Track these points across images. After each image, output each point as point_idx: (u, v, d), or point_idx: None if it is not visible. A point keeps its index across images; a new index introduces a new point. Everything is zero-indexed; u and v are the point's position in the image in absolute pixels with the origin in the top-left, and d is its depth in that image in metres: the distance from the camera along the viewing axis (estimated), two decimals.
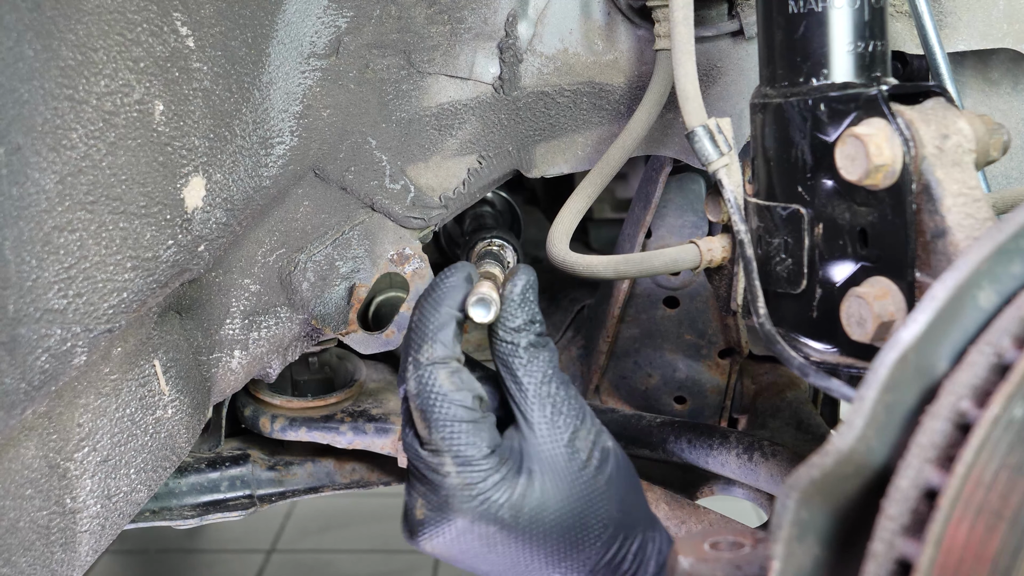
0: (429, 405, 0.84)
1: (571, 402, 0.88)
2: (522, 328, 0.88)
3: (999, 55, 1.21)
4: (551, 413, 0.87)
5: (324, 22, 1.09)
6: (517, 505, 0.85)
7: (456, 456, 0.84)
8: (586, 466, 0.87)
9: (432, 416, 0.84)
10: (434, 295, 0.87)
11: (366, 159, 1.15)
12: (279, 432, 1.35)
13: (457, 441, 0.84)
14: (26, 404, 0.84)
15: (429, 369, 0.85)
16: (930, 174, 0.81)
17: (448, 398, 0.84)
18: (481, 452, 0.84)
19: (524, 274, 0.89)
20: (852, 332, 0.85)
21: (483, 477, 0.84)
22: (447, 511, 0.85)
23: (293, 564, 2.74)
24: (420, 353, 0.85)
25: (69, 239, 0.85)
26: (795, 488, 0.60)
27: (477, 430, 0.84)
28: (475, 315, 0.86)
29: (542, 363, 0.88)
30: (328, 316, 1.16)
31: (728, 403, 1.45)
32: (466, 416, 0.84)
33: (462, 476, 0.84)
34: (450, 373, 0.85)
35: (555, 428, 0.87)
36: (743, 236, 0.94)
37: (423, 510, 0.86)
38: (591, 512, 0.87)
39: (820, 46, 0.89)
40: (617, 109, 1.18)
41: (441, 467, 0.84)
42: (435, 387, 0.84)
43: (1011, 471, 0.57)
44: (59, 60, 0.82)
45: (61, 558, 0.93)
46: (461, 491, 0.84)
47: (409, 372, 0.86)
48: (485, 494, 0.84)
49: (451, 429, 0.84)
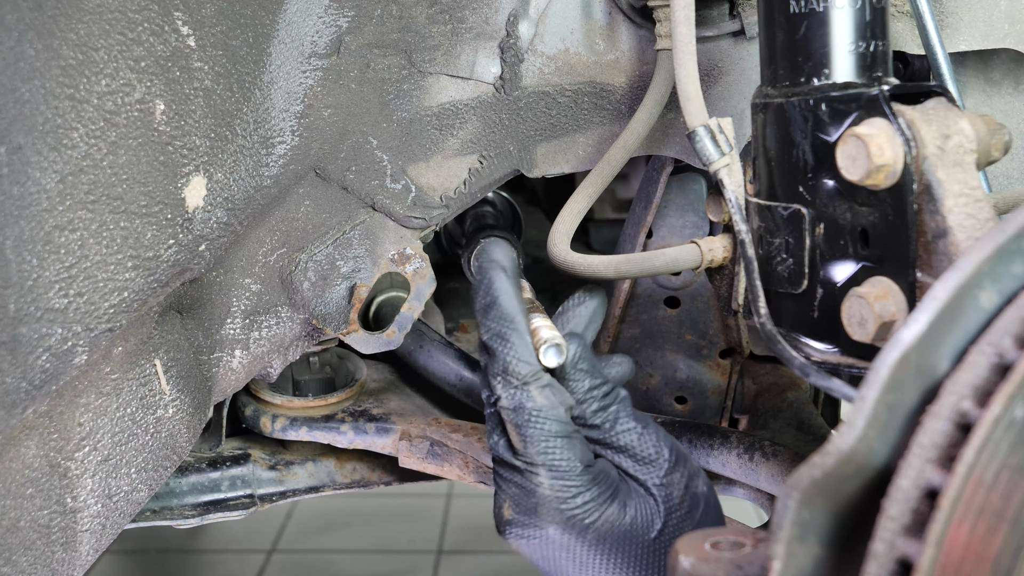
0: (524, 421, 0.87)
1: (665, 446, 0.90)
2: (584, 400, 0.90)
3: (1000, 55, 1.20)
4: (638, 464, 0.89)
5: (325, 22, 1.09)
6: (604, 530, 0.87)
7: (551, 469, 0.86)
8: (678, 508, 0.89)
9: (528, 431, 0.86)
10: (498, 308, 0.89)
11: (367, 159, 1.15)
12: (280, 432, 1.35)
13: (552, 456, 0.86)
14: (27, 403, 0.84)
15: (522, 388, 0.87)
16: (931, 174, 0.81)
17: (543, 414, 0.86)
18: (575, 468, 0.86)
19: (571, 345, 0.90)
20: (853, 332, 0.85)
21: (575, 493, 0.86)
22: (535, 517, 0.87)
23: (294, 564, 2.74)
24: (509, 372, 0.87)
25: (70, 238, 0.85)
26: (796, 488, 0.60)
27: (571, 445, 0.87)
28: (548, 361, 0.87)
29: (619, 425, 0.90)
30: (329, 316, 1.16)
31: (729, 403, 1.45)
32: (560, 431, 0.87)
33: (554, 488, 0.86)
34: (542, 388, 0.87)
35: (655, 468, 0.89)
36: (744, 236, 0.94)
37: (511, 511, 0.89)
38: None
39: (821, 46, 0.89)
40: (618, 109, 1.18)
41: (535, 476, 0.87)
42: (529, 404, 0.87)
43: (1012, 471, 0.57)
44: (60, 59, 0.82)
45: (62, 557, 0.93)
46: (552, 502, 0.87)
47: (500, 388, 0.88)
48: (575, 510, 0.87)
49: (547, 444, 0.86)
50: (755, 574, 0.67)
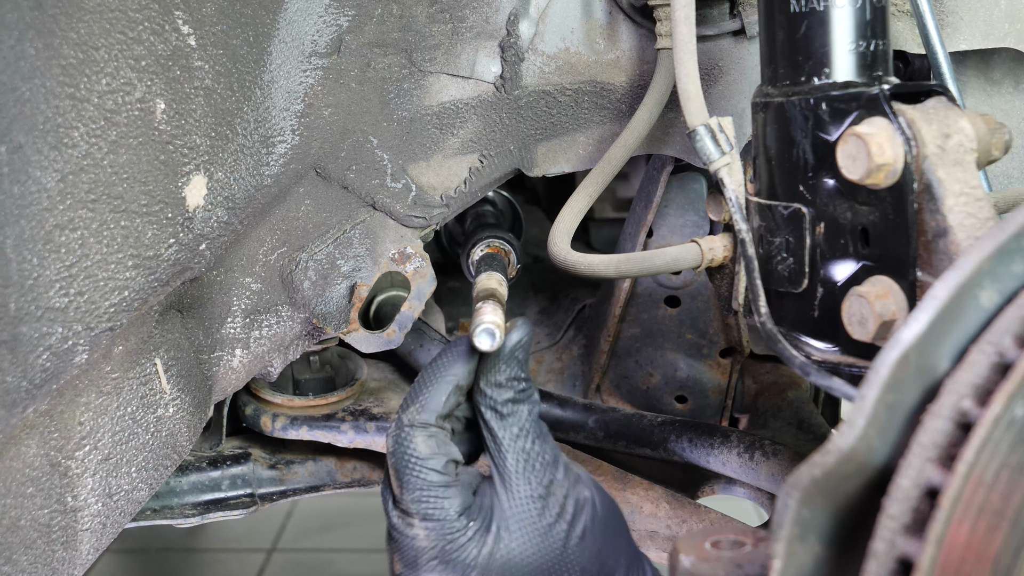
0: (403, 466, 0.86)
1: (544, 456, 0.89)
2: (504, 384, 0.89)
3: (1001, 54, 1.21)
4: (524, 468, 0.88)
5: (326, 21, 1.09)
6: (485, 564, 0.86)
7: (425, 517, 0.86)
8: (559, 520, 0.88)
9: (404, 478, 0.86)
10: (438, 362, 0.89)
11: (367, 158, 1.15)
12: (280, 431, 1.35)
13: (426, 505, 0.86)
14: (27, 402, 0.84)
15: (408, 431, 0.87)
16: (931, 173, 0.81)
17: (422, 461, 0.86)
18: (451, 515, 0.86)
19: (518, 332, 0.90)
20: (853, 331, 0.85)
21: (450, 540, 0.86)
22: (417, 568, 0.87)
23: (294, 563, 2.74)
24: (405, 414, 0.87)
25: (70, 237, 0.85)
26: (797, 487, 0.60)
27: (447, 493, 0.86)
28: (479, 343, 0.86)
29: (519, 418, 0.89)
30: (329, 315, 1.16)
31: (729, 402, 1.45)
32: (437, 480, 0.86)
33: (430, 538, 0.86)
34: (427, 437, 0.87)
35: (528, 483, 0.88)
36: (744, 235, 0.94)
37: (399, 564, 0.88)
38: (563, 567, 0.88)
39: (822, 45, 0.89)
40: (618, 108, 1.18)
41: (410, 528, 0.86)
42: (410, 449, 0.86)
43: (1012, 470, 0.57)
44: (60, 58, 0.82)
45: (62, 556, 0.93)
46: (429, 551, 0.86)
47: (391, 430, 0.88)
48: (453, 555, 0.86)
49: (422, 492, 0.86)
50: (755, 573, 0.67)
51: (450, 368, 0.88)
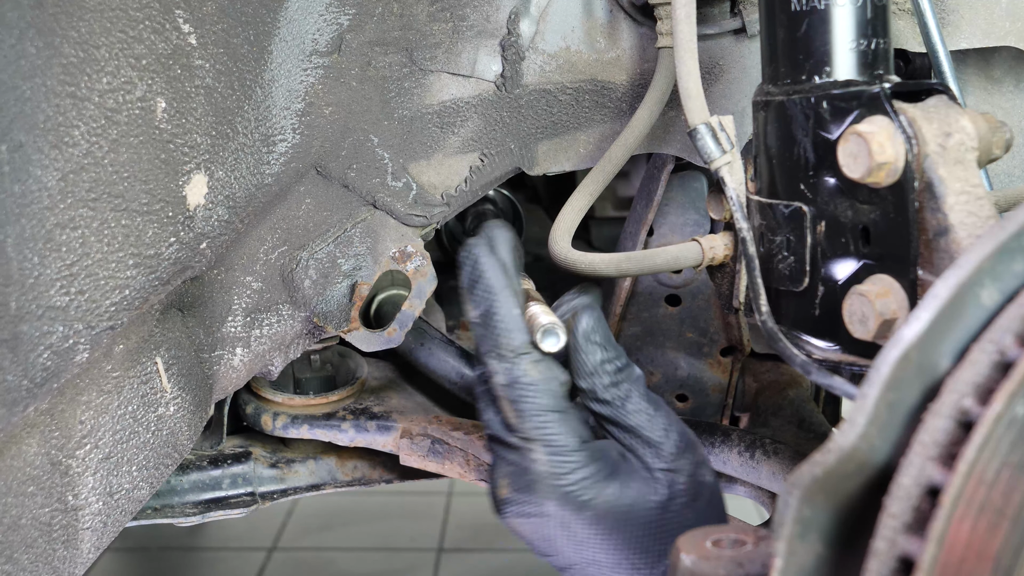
0: (519, 396, 0.85)
1: (674, 430, 0.88)
2: (596, 372, 0.88)
3: (1001, 53, 1.20)
4: (660, 439, 0.88)
5: (326, 19, 1.09)
6: (602, 508, 0.85)
7: (547, 445, 0.85)
8: (682, 495, 0.87)
9: (522, 406, 0.85)
10: (484, 282, 0.87)
11: (368, 157, 1.15)
12: (281, 430, 1.35)
13: (548, 430, 0.85)
14: (28, 401, 0.84)
15: (515, 360, 0.85)
16: (932, 172, 0.81)
17: (538, 388, 0.85)
18: (571, 444, 0.85)
19: (584, 319, 0.89)
20: (854, 330, 0.85)
21: (571, 469, 0.85)
22: (532, 494, 0.86)
23: (295, 562, 2.74)
24: (500, 346, 0.86)
25: (71, 236, 0.85)
26: (798, 486, 0.60)
27: (566, 419, 0.85)
28: (547, 346, 0.86)
29: (624, 395, 0.88)
30: (330, 314, 1.16)
31: (730, 401, 1.45)
32: (555, 406, 0.85)
33: (551, 464, 0.85)
34: (535, 362, 0.86)
35: (662, 451, 0.88)
36: (745, 234, 0.94)
37: (507, 489, 0.87)
38: (672, 538, 0.87)
39: (822, 44, 0.89)
40: (619, 107, 1.18)
41: (531, 452, 0.85)
42: (524, 377, 0.85)
43: (1013, 469, 0.57)
44: (61, 57, 0.82)
45: (63, 555, 0.93)
46: (548, 478, 0.85)
47: (493, 364, 0.86)
48: (571, 486, 0.85)
49: (542, 419, 0.85)
50: (756, 572, 0.67)
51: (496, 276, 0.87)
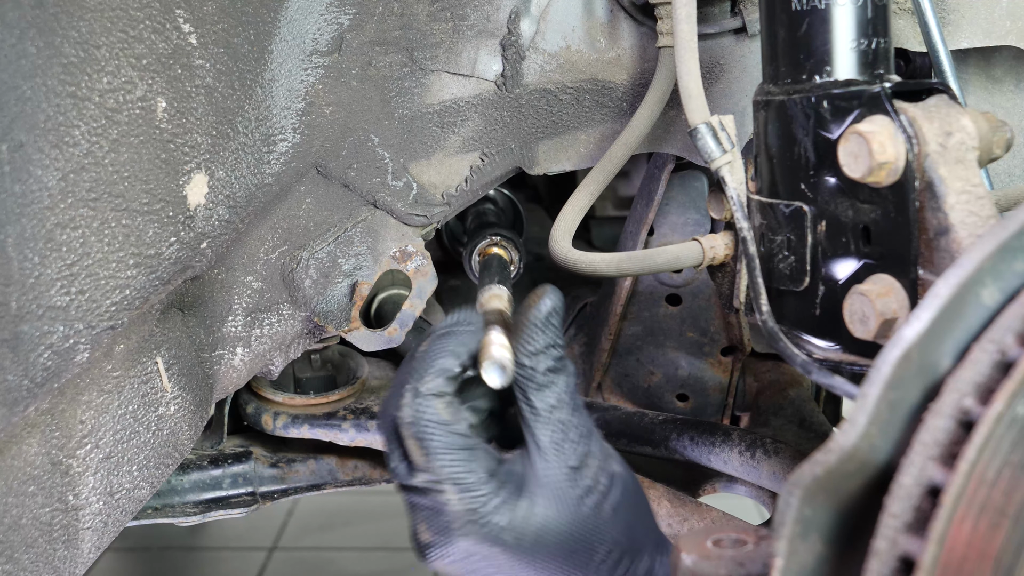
0: (428, 434, 0.84)
1: (579, 428, 0.88)
2: (540, 351, 0.87)
3: (1002, 52, 1.20)
4: (560, 439, 0.87)
5: (327, 19, 1.09)
6: (519, 528, 0.85)
7: (456, 483, 0.84)
8: (591, 492, 0.87)
9: (430, 445, 0.84)
10: (445, 334, 0.87)
11: (368, 156, 1.15)
12: (281, 429, 1.35)
13: (456, 468, 0.84)
14: (29, 401, 0.84)
15: (428, 399, 0.85)
16: (933, 171, 0.81)
17: (446, 426, 0.84)
18: (480, 478, 0.84)
19: (549, 299, 0.88)
20: (855, 329, 0.85)
21: (483, 502, 0.84)
22: (450, 534, 0.85)
23: (295, 562, 2.74)
24: (421, 383, 0.85)
25: (72, 236, 0.85)
26: (798, 485, 0.60)
27: (474, 457, 0.85)
28: (489, 380, 0.85)
29: (557, 388, 0.87)
30: (330, 313, 1.16)
31: (730, 401, 1.45)
32: (463, 444, 0.85)
33: (463, 502, 0.84)
34: (446, 404, 0.85)
35: (562, 453, 0.87)
36: (746, 233, 0.94)
37: (427, 533, 0.87)
38: (595, 537, 0.87)
39: (823, 43, 0.89)
40: (620, 106, 1.18)
41: (441, 494, 0.85)
42: (432, 416, 0.84)
43: (1014, 468, 0.57)
44: (62, 57, 0.82)
45: (64, 555, 0.93)
46: (462, 516, 0.84)
47: (405, 400, 0.85)
48: (486, 518, 0.84)
49: (450, 457, 0.84)
50: (757, 571, 0.67)
51: (456, 341, 0.86)
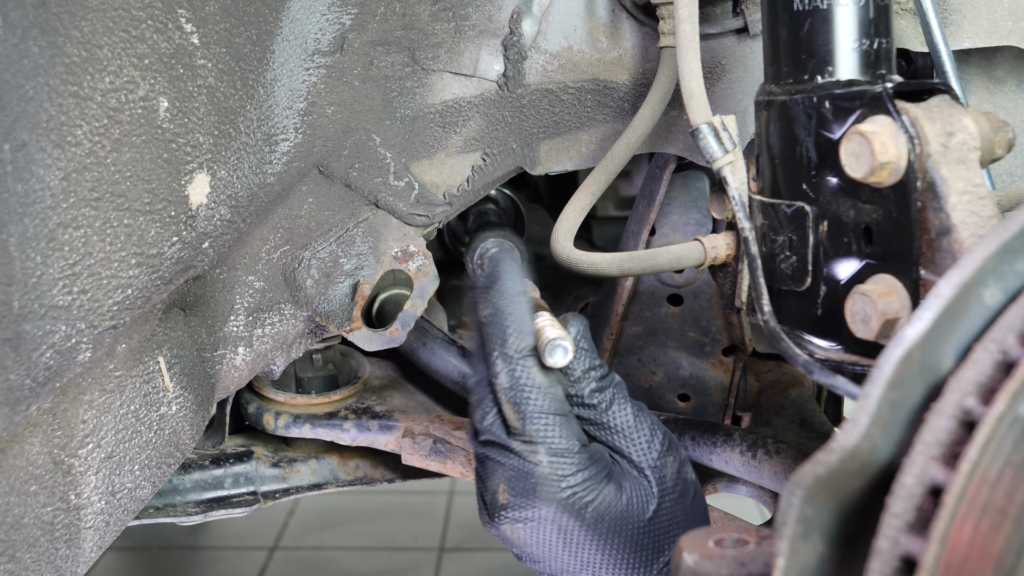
0: (524, 397, 0.85)
1: (659, 430, 0.90)
2: (583, 378, 0.89)
3: (1004, 53, 1.20)
4: (647, 438, 0.89)
5: (328, 19, 1.09)
6: (601, 510, 0.86)
7: (550, 447, 0.85)
8: (671, 492, 0.88)
9: (527, 408, 0.85)
10: (501, 286, 0.87)
11: (370, 156, 1.15)
12: (283, 429, 1.35)
13: (551, 433, 0.85)
14: (31, 400, 0.84)
15: (520, 363, 0.86)
16: (935, 171, 0.81)
17: (542, 391, 0.85)
18: (573, 446, 0.86)
19: (574, 324, 0.90)
20: (857, 329, 0.85)
21: (573, 470, 0.85)
22: (533, 497, 0.86)
23: (296, 561, 2.74)
24: (507, 346, 0.86)
25: (74, 236, 0.85)
26: (800, 485, 0.60)
27: (569, 423, 0.86)
28: (553, 361, 0.86)
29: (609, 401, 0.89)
30: (332, 313, 1.16)
31: (732, 400, 1.45)
32: (558, 409, 0.86)
33: (554, 466, 0.85)
34: (540, 368, 0.86)
35: (650, 450, 0.89)
36: (747, 233, 0.94)
37: (506, 494, 0.87)
38: (665, 539, 0.88)
39: (825, 43, 0.89)
40: (621, 106, 1.18)
41: (533, 455, 0.86)
42: (529, 380, 0.86)
43: (1016, 468, 0.57)
44: (64, 57, 0.82)
45: (65, 554, 0.93)
46: (551, 480, 0.85)
47: (499, 365, 0.86)
48: (574, 488, 0.86)
49: (545, 421, 0.85)
50: (759, 571, 0.67)
51: (520, 289, 0.88)
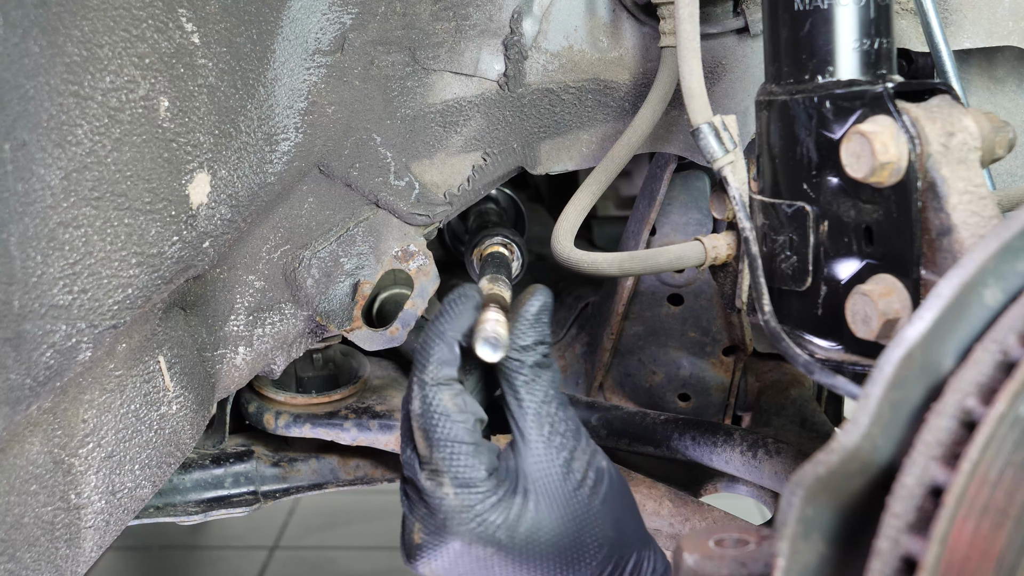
0: (432, 425, 0.84)
1: (568, 423, 0.88)
2: (530, 348, 0.88)
3: (1004, 53, 1.20)
4: (548, 433, 0.87)
5: (329, 18, 1.09)
6: (512, 526, 0.85)
7: (455, 478, 0.84)
8: (581, 486, 0.87)
9: (434, 436, 0.84)
10: (441, 320, 0.87)
11: (371, 156, 1.15)
12: (283, 429, 1.35)
13: (457, 462, 0.84)
14: (31, 400, 0.84)
15: (434, 390, 0.85)
16: (935, 172, 0.81)
17: (451, 418, 0.84)
18: (480, 475, 0.84)
19: (541, 295, 0.89)
20: (857, 330, 0.85)
21: (480, 499, 0.84)
22: (444, 534, 0.85)
23: (296, 561, 2.74)
24: (425, 373, 0.85)
25: (74, 235, 0.85)
26: (800, 485, 0.60)
27: (477, 452, 0.85)
28: (482, 354, 0.85)
29: (544, 383, 0.88)
30: (332, 312, 1.16)
31: (732, 400, 1.45)
32: (467, 438, 0.84)
33: (460, 498, 0.84)
34: (453, 395, 0.85)
35: (551, 447, 0.87)
36: (748, 233, 0.94)
37: (420, 534, 0.86)
38: (586, 532, 0.87)
39: (826, 43, 0.89)
40: (622, 106, 1.18)
41: (439, 488, 0.84)
42: (439, 407, 0.84)
43: (1017, 469, 0.57)
44: (64, 56, 0.82)
45: (65, 554, 0.93)
46: (458, 513, 0.84)
47: (415, 391, 0.86)
48: (481, 516, 0.84)
49: (451, 450, 0.84)
50: (759, 571, 0.67)
51: (456, 322, 0.87)
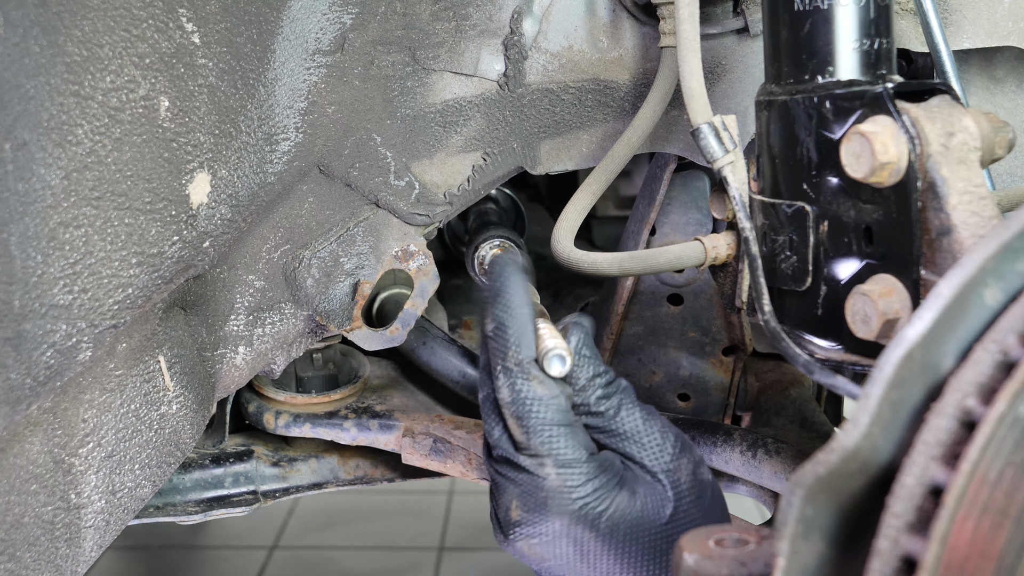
0: (526, 411, 0.85)
1: (671, 432, 0.89)
2: (587, 386, 0.88)
3: (1004, 53, 1.20)
4: (658, 442, 0.88)
5: (329, 18, 1.09)
6: (615, 518, 0.85)
7: (556, 459, 0.84)
8: (687, 495, 0.87)
9: (530, 421, 0.85)
10: (504, 299, 0.87)
11: (371, 155, 1.15)
12: (283, 428, 1.35)
13: (557, 444, 0.84)
14: (31, 400, 0.84)
15: (522, 375, 0.85)
16: (935, 172, 0.81)
17: (543, 402, 0.85)
18: (581, 456, 0.85)
19: (575, 333, 0.89)
20: (857, 330, 0.85)
21: (583, 480, 0.84)
22: (545, 512, 0.85)
23: (296, 560, 2.74)
24: (507, 359, 0.85)
25: (74, 235, 0.85)
26: (800, 485, 0.60)
27: (574, 433, 0.85)
28: (552, 370, 0.86)
29: (617, 407, 0.89)
30: (332, 312, 1.16)
31: (732, 400, 1.45)
32: (562, 420, 0.85)
33: (562, 478, 0.84)
34: (541, 378, 0.86)
35: (662, 454, 0.88)
36: (748, 233, 0.94)
37: (519, 511, 0.86)
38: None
39: (825, 43, 0.89)
40: (622, 106, 1.18)
41: (541, 468, 0.85)
42: (529, 392, 0.85)
43: (1016, 468, 0.57)
44: (65, 56, 0.82)
45: (65, 553, 0.93)
46: (561, 493, 0.84)
47: (500, 380, 0.86)
48: (585, 498, 0.85)
49: (550, 433, 0.84)
50: (759, 571, 0.67)
51: (520, 297, 0.87)
